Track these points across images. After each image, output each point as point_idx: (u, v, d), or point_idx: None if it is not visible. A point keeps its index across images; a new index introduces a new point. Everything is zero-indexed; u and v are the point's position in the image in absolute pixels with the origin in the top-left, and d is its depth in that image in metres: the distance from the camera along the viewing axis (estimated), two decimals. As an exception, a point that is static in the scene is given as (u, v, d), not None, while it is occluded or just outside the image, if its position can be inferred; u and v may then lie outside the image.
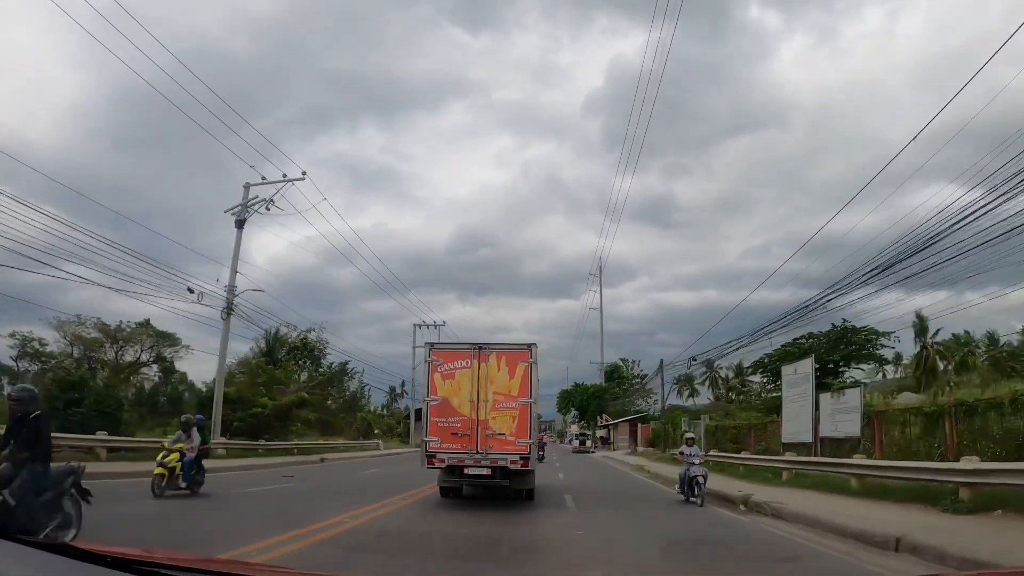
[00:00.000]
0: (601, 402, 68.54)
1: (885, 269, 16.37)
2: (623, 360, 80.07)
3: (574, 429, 79.74)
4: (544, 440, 73.84)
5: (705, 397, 59.11)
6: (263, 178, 27.84)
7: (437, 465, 11.61)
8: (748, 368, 51.87)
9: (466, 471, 11.61)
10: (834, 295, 19.27)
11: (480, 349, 11.94)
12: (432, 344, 12.24)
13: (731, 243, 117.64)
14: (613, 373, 75.14)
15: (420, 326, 56.00)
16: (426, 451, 11.65)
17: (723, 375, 56.02)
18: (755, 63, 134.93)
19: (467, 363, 11.88)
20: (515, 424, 11.54)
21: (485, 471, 11.52)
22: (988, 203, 13.24)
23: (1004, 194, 12.73)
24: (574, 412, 77.57)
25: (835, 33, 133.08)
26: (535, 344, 11.98)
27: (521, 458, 11.42)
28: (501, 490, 12.06)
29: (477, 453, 11.49)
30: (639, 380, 72.58)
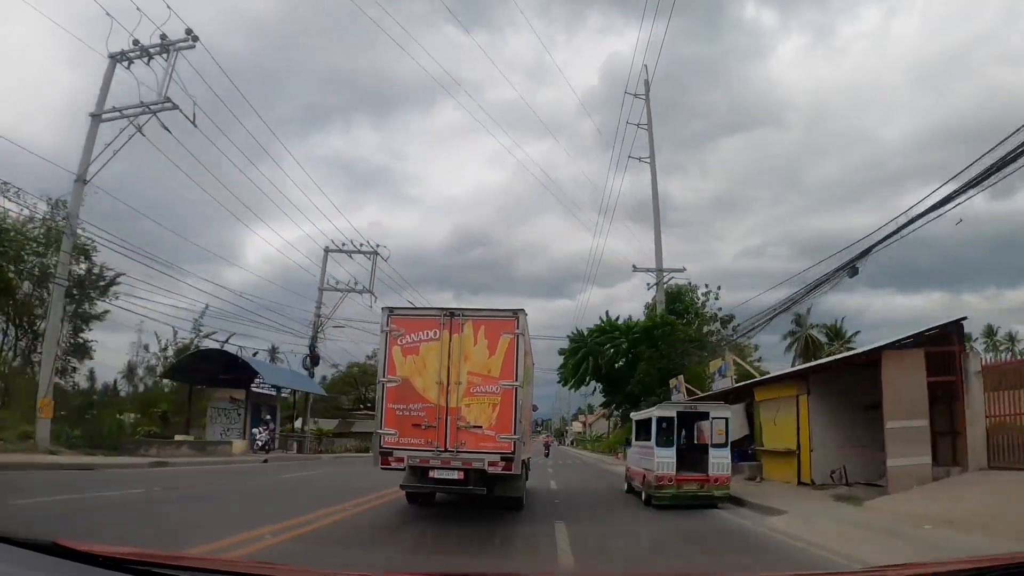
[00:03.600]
0: (667, 354, 29.29)
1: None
2: (688, 284, 36.30)
3: (576, 427, 64.19)
4: (548, 441, 69.13)
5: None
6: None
7: (394, 465, 8.95)
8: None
9: (431, 473, 8.96)
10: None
11: (452, 316, 9.21)
12: (392, 309, 9.50)
13: (725, 243, 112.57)
14: (674, 304, 35.18)
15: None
16: (380, 447, 9.00)
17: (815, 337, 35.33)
18: (751, 61, 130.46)
19: (435, 334, 9.17)
20: (495, 414, 8.84)
21: (455, 474, 8.86)
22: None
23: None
24: (595, 386, 36.72)
25: (831, 32, 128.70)
26: (523, 311, 9.21)
27: (503, 459, 8.72)
28: (481, 499, 9.39)
29: (445, 451, 8.82)
30: (717, 321, 35.75)
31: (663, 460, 11.31)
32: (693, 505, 11.08)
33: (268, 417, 31.39)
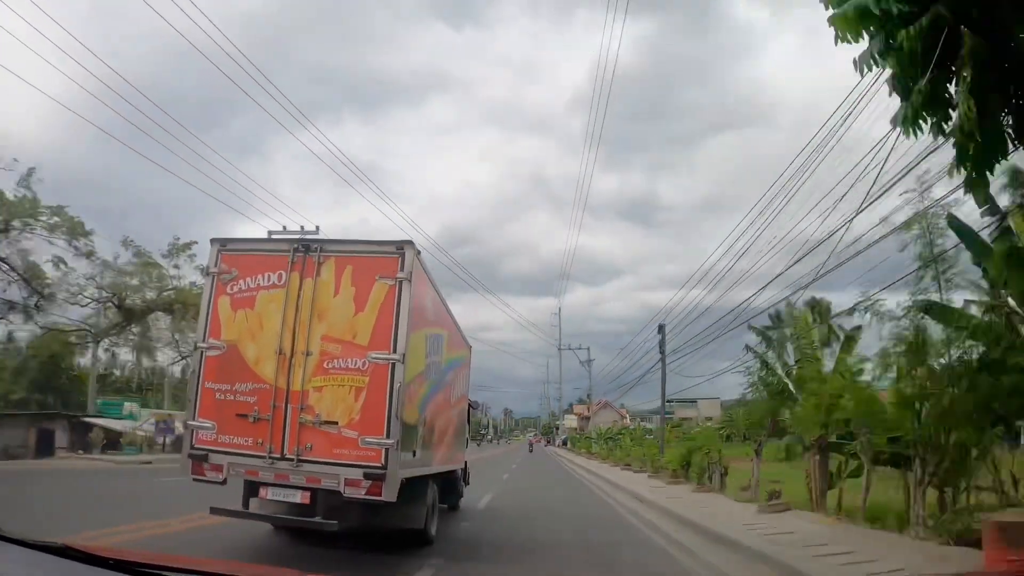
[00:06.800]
0: None
1: None
2: None
3: (571, 421, 53.95)
4: (534, 440, 61.58)
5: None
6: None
7: (210, 476, 5.80)
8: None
9: (263, 492, 5.82)
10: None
11: (307, 251, 6.02)
12: (223, 242, 6.31)
13: (716, 242, 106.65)
14: None
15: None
16: (191, 447, 5.87)
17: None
18: (741, 59, 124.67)
19: (280, 278, 5.99)
20: (359, 403, 5.62)
21: (297, 496, 5.68)
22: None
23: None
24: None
25: (821, 31, 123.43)
26: (412, 244, 5.94)
27: (367, 475, 5.48)
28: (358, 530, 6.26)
29: (282, 459, 5.65)
30: None
31: None
32: None
33: None
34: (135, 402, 28.57)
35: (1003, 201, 7.06)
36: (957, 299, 8.33)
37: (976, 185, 4.44)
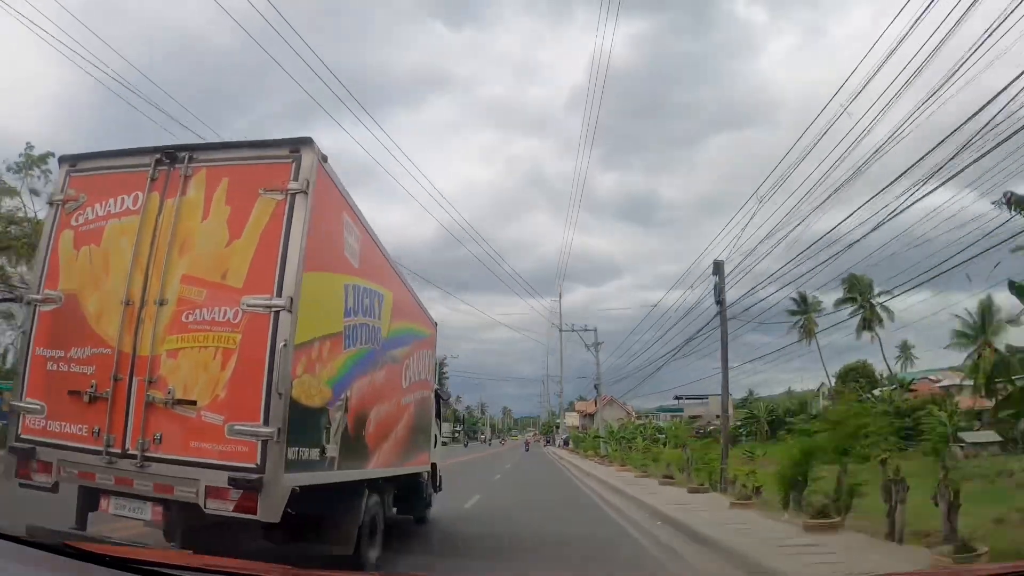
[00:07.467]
0: None
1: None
2: None
3: (572, 418, 50.05)
4: (530, 440, 55.71)
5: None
6: None
7: (38, 479, 4.09)
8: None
9: (103, 505, 4.08)
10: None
11: (172, 163, 4.30)
12: (74, 159, 4.63)
13: (714, 242, 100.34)
14: None
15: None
16: (16, 437, 4.18)
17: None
18: (741, 59, 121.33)
19: (136, 201, 4.29)
20: (227, 372, 3.82)
21: (146, 511, 3.93)
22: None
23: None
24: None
25: (821, 31, 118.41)
26: (311, 143, 4.15)
27: (234, 481, 3.65)
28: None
29: (122, 455, 3.89)
30: None
31: None
32: None
33: None
34: None
35: None
36: None
37: None
